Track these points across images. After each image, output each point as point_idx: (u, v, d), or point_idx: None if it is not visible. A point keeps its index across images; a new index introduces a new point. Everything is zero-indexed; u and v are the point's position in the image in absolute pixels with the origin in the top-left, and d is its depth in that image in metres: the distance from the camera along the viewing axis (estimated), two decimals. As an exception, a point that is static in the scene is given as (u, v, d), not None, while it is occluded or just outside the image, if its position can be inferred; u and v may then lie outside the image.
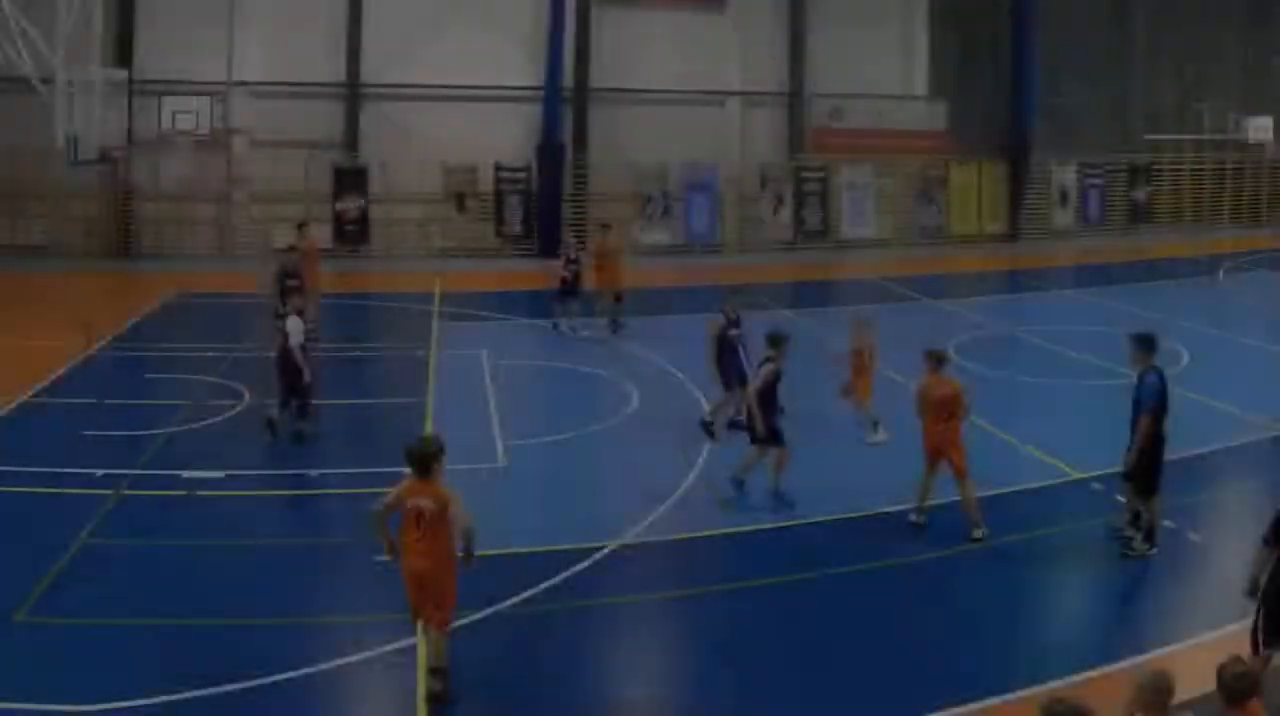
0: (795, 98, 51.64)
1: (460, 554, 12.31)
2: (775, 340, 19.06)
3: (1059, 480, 19.92)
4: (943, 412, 17.49)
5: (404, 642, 13.58)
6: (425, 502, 12.19)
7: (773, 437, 18.82)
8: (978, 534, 17.24)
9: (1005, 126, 54.73)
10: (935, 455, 17.59)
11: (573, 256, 32.24)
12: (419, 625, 12.73)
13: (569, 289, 32.21)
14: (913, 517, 17.83)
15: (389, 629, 13.91)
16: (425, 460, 12.38)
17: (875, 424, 22.32)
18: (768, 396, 18.74)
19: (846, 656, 13.63)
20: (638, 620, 14.87)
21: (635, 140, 48.81)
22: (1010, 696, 12.55)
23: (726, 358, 22.09)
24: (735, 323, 22.38)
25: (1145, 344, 16.52)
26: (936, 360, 17.87)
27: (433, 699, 12.44)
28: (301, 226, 34.00)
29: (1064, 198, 55.90)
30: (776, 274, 44.14)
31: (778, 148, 51.77)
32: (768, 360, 18.99)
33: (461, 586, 12.27)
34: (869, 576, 16.04)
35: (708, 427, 22.26)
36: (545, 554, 16.42)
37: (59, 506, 18.00)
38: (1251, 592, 11.93)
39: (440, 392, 25.45)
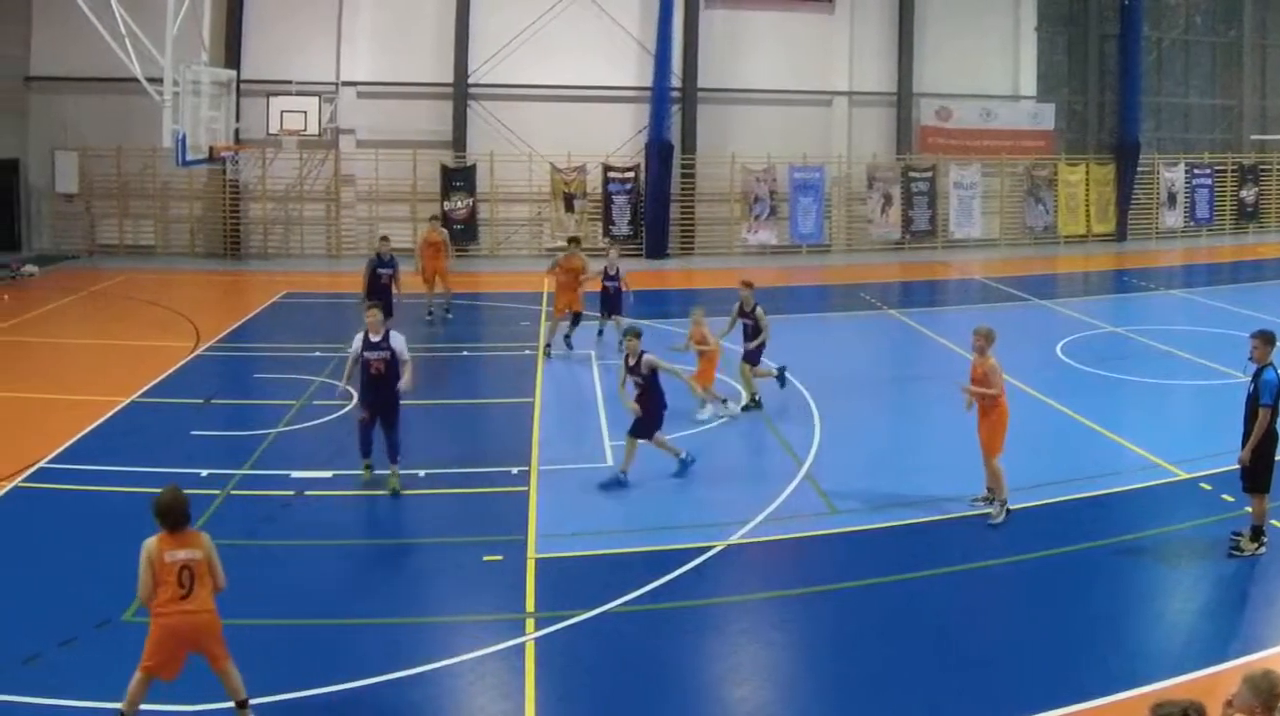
0: (903, 97, 51.32)
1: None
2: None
3: (1166, 480, 19.58)
4: None
5: (513, 641, 13.62)
6: (194, 555, 11.26)
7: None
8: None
9: (1113, 126, 54.50)
10: None
11: (612, 272, 29.68)
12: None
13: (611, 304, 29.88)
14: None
15: (498, 627, 13.98)
16: (186, 511, 11.39)
17: (724, 401, 23.84)
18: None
19: (955, 656, 13.43)
20: (747, 620, 14.66)
21: (743, 140, 48.92)
22: (1118, 696, 12.34)
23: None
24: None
25: (1269, 339, 16.32)
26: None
27: None
28: (433, 219, 35.14)
29: (1172, 198, 55.27)
30: (884, 274, 43.99)
31: (885, 147, 51.45)
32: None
33: (571, 585, 12.13)
34: (975, 576, 15.88)
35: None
36: (654, 553, 16.37)
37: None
38: None
39: (548, 393, 25.52)
